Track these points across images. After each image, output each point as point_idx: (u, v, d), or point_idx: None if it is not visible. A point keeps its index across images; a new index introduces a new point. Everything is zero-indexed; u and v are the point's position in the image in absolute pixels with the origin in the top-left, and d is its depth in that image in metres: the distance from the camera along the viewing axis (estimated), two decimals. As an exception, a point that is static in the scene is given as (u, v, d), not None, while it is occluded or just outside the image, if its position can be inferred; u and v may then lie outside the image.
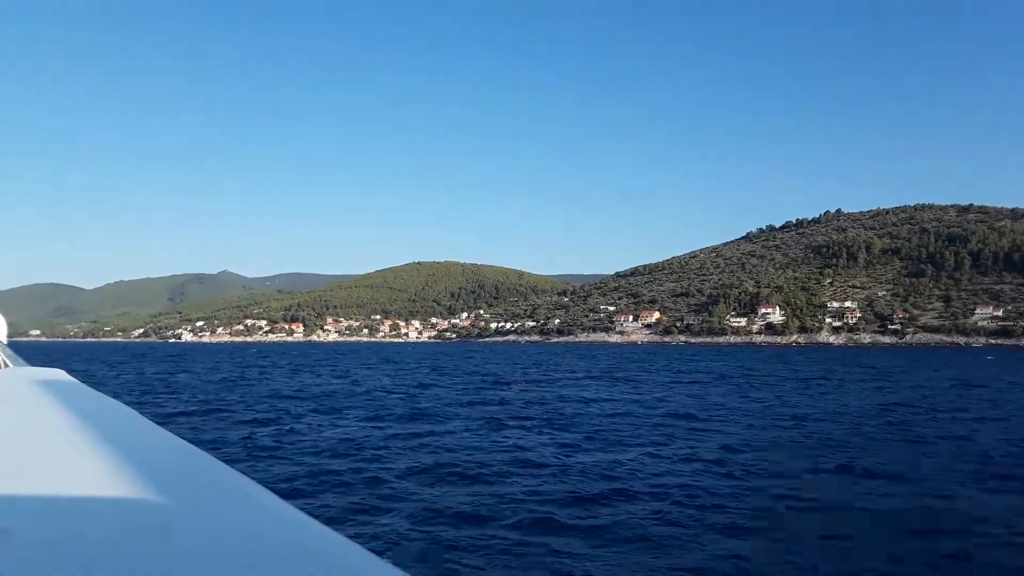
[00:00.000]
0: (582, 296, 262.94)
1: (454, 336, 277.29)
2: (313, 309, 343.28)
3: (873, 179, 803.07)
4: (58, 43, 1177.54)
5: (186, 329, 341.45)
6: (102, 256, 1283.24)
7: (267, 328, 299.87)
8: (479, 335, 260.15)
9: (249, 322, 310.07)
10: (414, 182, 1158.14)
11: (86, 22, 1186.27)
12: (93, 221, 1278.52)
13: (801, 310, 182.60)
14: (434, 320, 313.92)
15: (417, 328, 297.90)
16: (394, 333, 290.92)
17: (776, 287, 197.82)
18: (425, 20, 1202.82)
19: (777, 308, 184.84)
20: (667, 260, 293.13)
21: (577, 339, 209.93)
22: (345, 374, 44.82)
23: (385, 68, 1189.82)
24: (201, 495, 1.39)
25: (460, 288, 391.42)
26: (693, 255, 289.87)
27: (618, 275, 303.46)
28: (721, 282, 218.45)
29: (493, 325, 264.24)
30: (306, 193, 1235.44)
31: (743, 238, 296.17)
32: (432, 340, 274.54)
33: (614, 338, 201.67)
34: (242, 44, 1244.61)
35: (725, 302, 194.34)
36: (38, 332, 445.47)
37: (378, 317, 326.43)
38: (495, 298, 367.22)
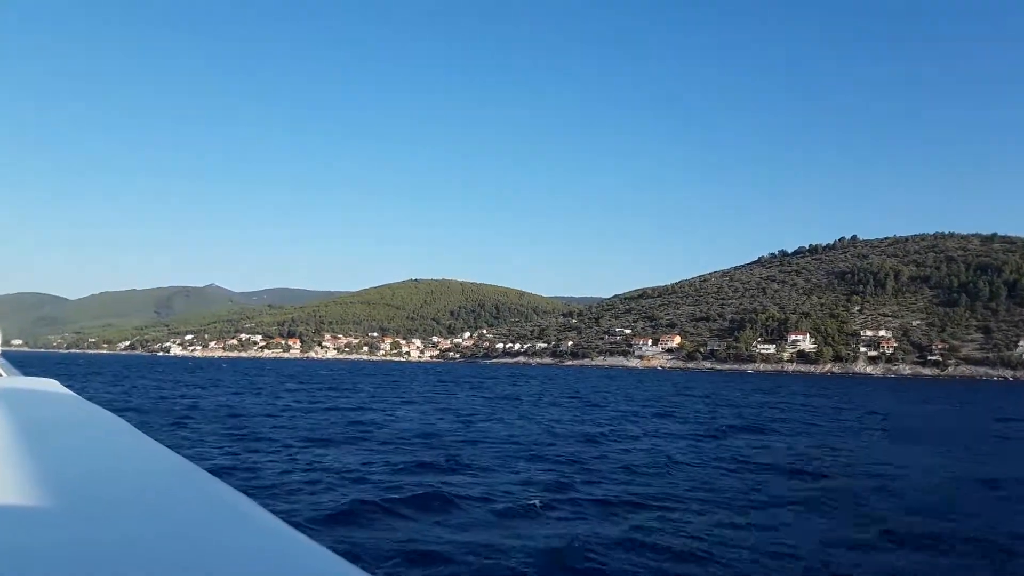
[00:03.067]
0: (592, 318, 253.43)
1: (458, 356, 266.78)
2: (308, 325, 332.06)
3: (873, 206, 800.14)
4: (43, 49, 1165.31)
5: (174, 343, 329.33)
6: (86, 266, 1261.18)
7: (263, 344, 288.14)
8: (485, 356, 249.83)
9: (243, 337, 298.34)
10: (407, 199, 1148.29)
11: (71, 28, 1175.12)
12: (78, 231, 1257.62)
13: (833, 338, 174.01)
14: (435, 339, 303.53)
15: (418, 347, 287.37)
16: (395, 351, 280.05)
17: (803, 313, 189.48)
18: (423, 31, 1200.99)
19: (807, 335, 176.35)
20: (676, 283, 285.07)
21: (593, 363, 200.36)
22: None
23: (378, 77, 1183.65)
24: (189, 507, 1.39)
25: (459, 307, 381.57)
26: (703, 279, 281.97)
27: (625, 298, 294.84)
28: (742, 306, 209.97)
29: (499, 346, 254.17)
30: (294, 208, 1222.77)
31: (755, 262, 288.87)
32: (435, 360, 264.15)
33: (633, 362, 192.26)
34: (233, 53, 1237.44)
35: (751, 327, 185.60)
36: (20, 342, 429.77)
37: (375, 335, 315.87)
38: (495, 318, 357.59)
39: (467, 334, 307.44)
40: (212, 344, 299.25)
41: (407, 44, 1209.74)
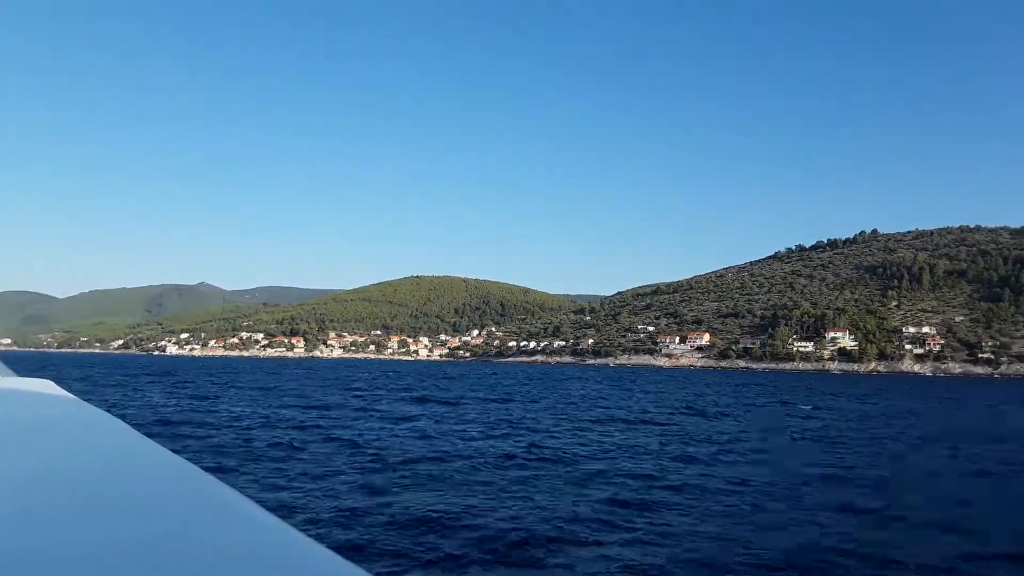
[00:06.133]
0: (610, 314, 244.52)
1: (468, 354, 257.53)
2: (308, 323, 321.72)
3: (875, 201, 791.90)
4: (31, 46, 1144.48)
5: (170, 341, 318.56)
6: (75, 264, 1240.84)
7: (265, 342, 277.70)
8: (499, 354, 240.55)
9: (245, 335, 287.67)
10: (402, 195, 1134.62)
11: (61, 25, 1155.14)
12: (67, 228, 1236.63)
13: (874, 334, 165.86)
14: (443, 337, 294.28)
15: (426, 345, 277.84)
16: (403, 350, 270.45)
17: (838, 309, 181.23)
18: (424, 25, 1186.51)
19: (846, 332, 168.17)
20: (692, 278, 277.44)
21: (617, 361, 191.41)
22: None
23: (376, 72, 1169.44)
24: (188, 507, 1.38)
25: (464, 304, 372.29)
26: (720, 274, 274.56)
27: (637, 294, 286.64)
28: (771, 302, 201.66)
29: (513, 344, 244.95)
30: (286, 204, 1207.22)
31: (771, 257, 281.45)
32: (444, 359, 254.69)
33: (660, 361, 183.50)
34: (224, 49, 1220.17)
35: (786, 324, 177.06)
36: (9, 341, 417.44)
37: (379, 332, 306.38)
38: (501, 315, 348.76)
39: (475, 332, 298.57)
40: (212, 343, 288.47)
41: (406, 39, 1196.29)
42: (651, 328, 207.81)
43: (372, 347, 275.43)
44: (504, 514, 10.57)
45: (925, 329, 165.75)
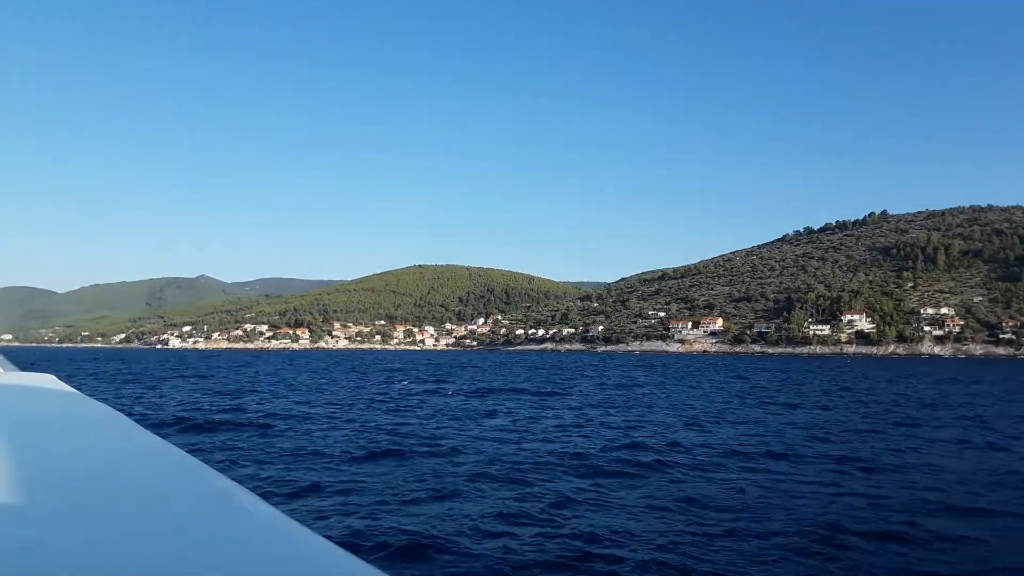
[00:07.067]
0: (619, 300, 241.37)
1: (475, 343, 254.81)
2: (312, 314, 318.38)
3: (874, 182, 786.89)
4: (27, 40, 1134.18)
5: (172, 334, 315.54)
6: (75, 259, 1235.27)
7: (269, 334, 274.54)
8: (506, 342, 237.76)
9: (249, 327, 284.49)
10: (403, 184, 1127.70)
11: (62, 18, 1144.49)
12: (65, 223, 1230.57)
13: (891, 316, 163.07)
14: (449, 326, 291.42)
15: (432, 334, 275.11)
16: (409, 340, 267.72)
17: (853, 291, 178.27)
18: (426, 13, 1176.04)
19: (863, 314, 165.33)
20: (699, 263, 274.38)
21: (628, 348, 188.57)
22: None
23: (376, 59, 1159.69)
24: (192, 502, 1.38)
25: (468, 292, 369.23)
26: (727, 258, 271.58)
27: (644, 279, 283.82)
28: (784, 285, 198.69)
29: (520, 332, 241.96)
30: (284, 196, 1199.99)
31: (780, 240, 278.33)
32: (451, 348, 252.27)
33: (673, 347, 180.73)
34: (224, 40, 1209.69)
35: (801, 307, 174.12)
36: (10, 337, 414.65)
37: (383, 322, 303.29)
38: (506, 303, 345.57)
39: (480, 320, 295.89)
40: (216, 335, 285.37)
41: (404, 29, 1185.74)
42: (662, 314, 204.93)
43: (378, 337, 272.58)
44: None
45: (943, 310, 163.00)
